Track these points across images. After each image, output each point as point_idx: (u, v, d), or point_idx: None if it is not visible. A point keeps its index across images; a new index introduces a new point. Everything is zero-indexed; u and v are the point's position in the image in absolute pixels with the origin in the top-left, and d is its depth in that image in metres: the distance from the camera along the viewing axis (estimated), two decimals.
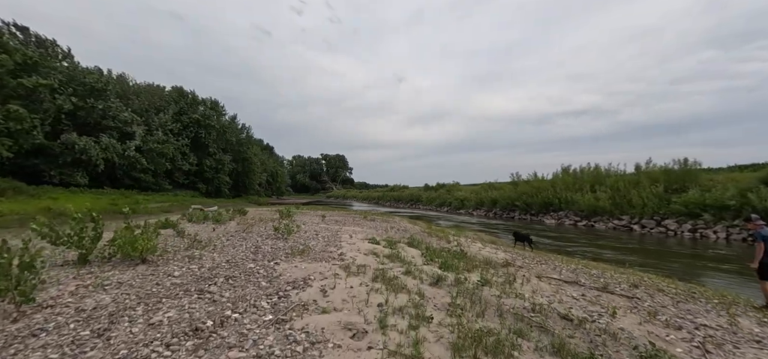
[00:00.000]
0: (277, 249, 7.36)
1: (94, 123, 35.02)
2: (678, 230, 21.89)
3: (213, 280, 4.77)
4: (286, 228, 8.83)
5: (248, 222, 12.61)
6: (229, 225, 11.72)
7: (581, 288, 6.06)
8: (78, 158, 31.37)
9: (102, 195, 31.55)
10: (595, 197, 27.23)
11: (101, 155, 33.17)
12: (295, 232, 10.22)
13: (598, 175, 30.29)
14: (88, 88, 33.60)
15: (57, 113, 30.43)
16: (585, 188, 29.11)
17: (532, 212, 32.12)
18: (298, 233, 9.94)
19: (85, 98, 33.51)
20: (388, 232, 12.44)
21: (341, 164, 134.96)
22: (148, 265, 5.49)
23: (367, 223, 15.99)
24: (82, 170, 32.18)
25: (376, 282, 4.92)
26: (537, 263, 8.61)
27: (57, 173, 31.18)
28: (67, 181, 31.41)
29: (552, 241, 17.99)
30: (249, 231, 9.84)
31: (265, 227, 10.51)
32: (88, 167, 32.61)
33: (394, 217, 23.62)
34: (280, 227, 8.93)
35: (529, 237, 13.64)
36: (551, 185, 31.94)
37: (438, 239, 11.44)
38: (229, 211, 19.32)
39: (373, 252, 7.40)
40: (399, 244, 8.97)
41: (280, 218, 13.76)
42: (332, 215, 20.02)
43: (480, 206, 39.52)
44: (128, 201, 33.33)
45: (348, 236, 10.24)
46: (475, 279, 5.49)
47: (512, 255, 9.37)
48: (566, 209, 28.99)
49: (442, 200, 46.77)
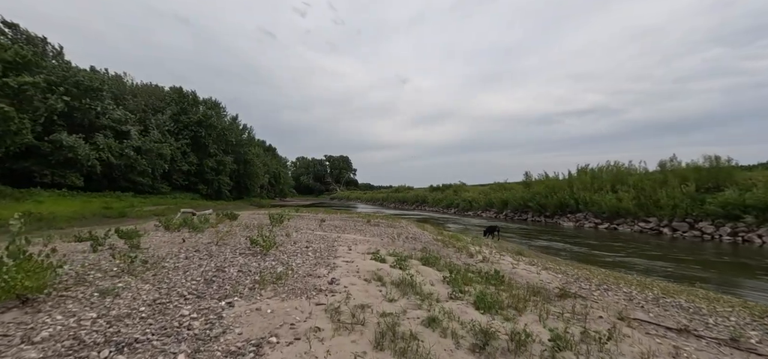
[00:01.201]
0: (244, 273, 5.28)
1: (90, 123, 33.42)
2: (715, 233, 19.48)
3: (98, 349, 2.71)
4: (266, 241, 6.76)
5: (228, 231, 10.57)
6: (206, 234, 9.70)
7: (703, 343, 3.90)
8: (70, 158, 29.69)
9: (94, 198, 29.85)
10: (617, 197, 24.84)
11: (95, 155, 31.47)
12: (281, 244, 8.16)
13: (619, 174, 27.85)
14: (82, 88, 31.98)
15: (49, 114, 28.79)
16: (605, 187, 26.72)
17: (547, 213, 29.77)
18: (283, 246, 7.86)
19: (80, 98, 31.91)
20: (395, 242, 10.33)
21: (345, 165, 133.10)
22: (21, 310, 3.45)
23: (370, 229, 13.88)
24: (76, 172, 30.51)
25: (380, 350, 2.84)
26: (597, 288, 6.43)
27: (49, 175, 29.51)
28: (60, 183, 29.76)
29: (576, 246, 15.73)
30: (223, 243, 7.79)
31: (245, 238, 8.48)
32: (83, 169, 30.95)
33: (400, 220, 21.51)
34: (259, 238, 6.86)
35: (497, 229, 16.07)
36: (567, 185, 29.57)
37: (457, 251, 9.30)
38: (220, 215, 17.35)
39: (377, 277, 5.29)
40: (410, 261, 6.86)
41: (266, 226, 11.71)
42: (332, 220, 17.96)
43: (489, 207, 37.20)
44: (122, 204, 31.68)
45: (346, 249, 8.14)
46: (541, 335, 3.36)
47: (563, 277, 7.19)
48: (585, 210, 26.62)
49: (448, 202, 44.49)
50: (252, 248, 6.97)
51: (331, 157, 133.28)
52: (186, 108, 43.12)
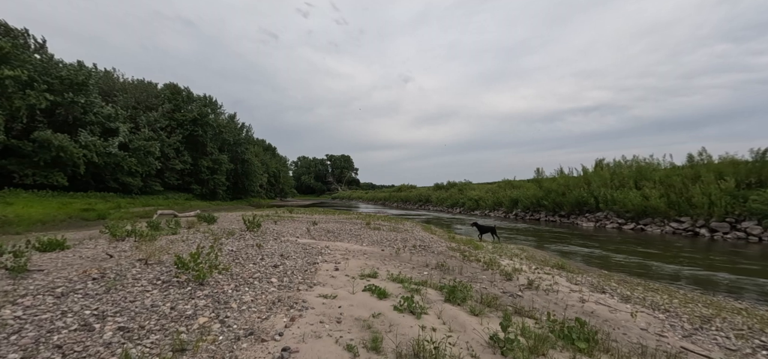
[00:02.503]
0: (127, 335, 2.87)
1: (74, 120, 31.21)
2: (763, 234, 16.90)
3: None
4: (200, 267, 4.32)
5: (176, 240, 8.17)
6: (154, 244, 7.31)
7: None
8: (56, 157, 27.48)
9: (76, 199, 27.61)
10: (643, 194, 22.23)
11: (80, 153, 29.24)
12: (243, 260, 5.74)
13: (641, 169, 25.21)
14: (66, 83, 29.76)
15: (30, 110, 26.58)
16: (627, 184, 24.11)
17: (562, 213, 27.18)
18: (241, 265, 5.44)
19: (63, 93, 29.69)
20: (400, 254, 7.87)
21: (347, 164, 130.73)
22: None
23: (369, 234, 11.44)
24: (60, 172, 28.28)
25: None
26: (735, 335, 3.98)
27: (30, 175, 27.28)
28: (42, 183, 27.54)
29: (608, 251, 13.15)
30: (153, 263, 5.37)
31: None
32: (67, 168, 28.74)
33: (404, 221, 19.05)
34: (192, 259, 4.41)
35: (493, 229, 14.16)
36: (584, 182, 26.97)
37: (484, 268, 6.84)
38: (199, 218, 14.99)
39: (372, 341, 2.86)
40: (425, 291, 4.44)
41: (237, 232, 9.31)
42: (327, 222, 15.53)
43: (498, 206, 34.62)
44: (107, 205, 29.36)
45: (332, 268, 5.71)
46: None
47: (664, 317, 4.72)
48: (606, 209, 24.02)
49: (453, 201, 41.94)
50: (184, 273, 4.52)
51: (332, 156, 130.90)
52: (180, 105, 40.86)
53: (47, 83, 28.64)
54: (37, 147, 26.35)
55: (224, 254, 6.35)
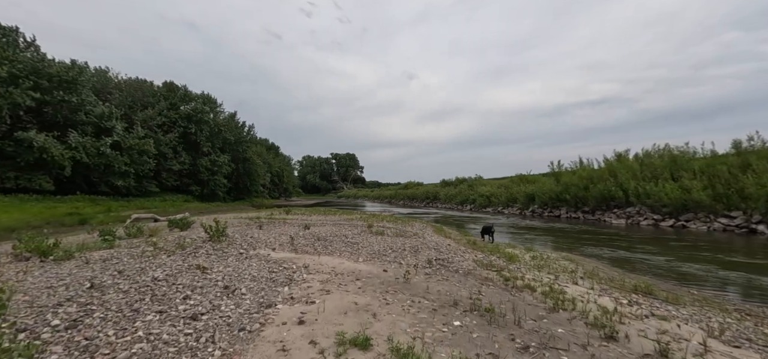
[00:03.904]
0: None
1: (65, 120, 29.37)
2: None
3: None
4: None
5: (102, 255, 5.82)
6: (61, 267, 4.99)
7: None
8: (40, 159, 25.60)
9: (61, 203, 25.69)
10: (682, 186, 19.36)
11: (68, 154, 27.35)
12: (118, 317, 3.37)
13: (677, 158, 22.27)
14: (54, 81, 27.90)
15: (12, 109, 24.75)
16: (661, 175, 21.22)
17: (586, 209, 24.37)
18: (131, 321, 3.04)
19: (52, 91, 27.84)
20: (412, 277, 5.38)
21: (352, 163, 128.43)
22: None
23: (370, 240, 9.00)
24: (45, 175, 26.40)
25: None
26: None
27: (13, 178, 25.42)
28: (26, 187, 25.69)
29: (651, 256, 10.42)
30: None
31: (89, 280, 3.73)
32: (53, 170, 26.90)
33: (413, 222, 16.57)
34: None
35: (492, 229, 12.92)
36: (609, 174, 24.11)
37: (539, 299, 4.34)
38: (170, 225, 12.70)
39: None
40: None
41: (192, 242, 6.93)
42: (323, 224, 13.12)
43: (512, 203, 31.85)
44: (96, 209, 27.35)
45: (295, 316, 3.28)
46: None
47: None
48: (637, 203, 21.18)
49: (463, 198, 39.21)
50: None
51: (337, 155, 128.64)
52: (176, 103, 38.90)
53: (35, 81, 26.83)
54: (19, 148, 24.48)
55: (140, 285, 3.97)
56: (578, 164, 29.17)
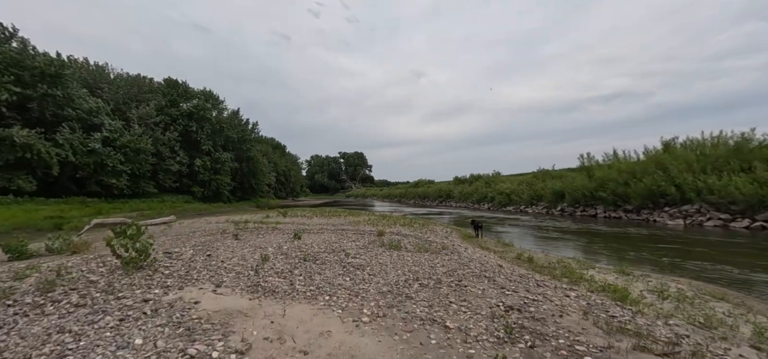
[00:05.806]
0: None
1: (52, 116, 27.08)
2: None
3: None
4: None
5: None
6: None
7: None
8: (21, 158, 23.25)
9: (45, 205, 23.26)
10: (755, 179, 15.71)
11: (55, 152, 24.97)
12: None
13: (742, 147, 18.54)
14: (37, 74, 25.60)
15: None
16: (726, 168, 17.53)
17: (629, 207, 20.77)
18: None
19: (35, 85, 25.56)
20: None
21: (360, 161, 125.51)
22: None
23: (383, 259, 5.94)
24: (27, 175, 24.02)
25: None
26: None
27: None
28: (6, 188, 23.31)
29: (732, 267, 6.94)
30: None
31: None
32: (37, 170, 24.56)
33: (433, 225, 13.41)
34: None
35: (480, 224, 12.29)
36: (657, 166, 20.46)
37: None
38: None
39: None
40: None
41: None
42: (320, 232, 10.07)
43: (536, 200, 28.33)
44: (84, 212, 25.01)
45: None
46: None
47: None
48: (697, 200, 17.55)
49: (480, 196, 35.77)
50: None
51: (346, 154, 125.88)
52: (176, 100, 36.48)
53: (16, 74, 24.55)
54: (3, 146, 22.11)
55: None
56: (612, 157, 25.53)
